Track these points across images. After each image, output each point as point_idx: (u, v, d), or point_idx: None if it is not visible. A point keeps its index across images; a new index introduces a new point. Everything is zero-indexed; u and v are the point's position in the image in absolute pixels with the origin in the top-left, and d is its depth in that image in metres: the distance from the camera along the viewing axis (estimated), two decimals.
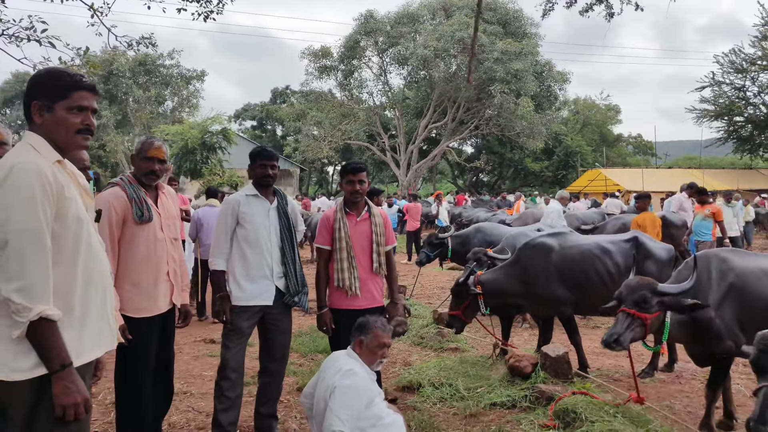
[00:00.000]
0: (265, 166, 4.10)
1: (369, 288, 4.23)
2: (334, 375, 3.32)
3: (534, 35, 33.98)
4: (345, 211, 4.26)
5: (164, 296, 3.62)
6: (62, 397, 2.02)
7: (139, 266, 3.51)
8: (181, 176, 26.74)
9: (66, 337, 2.09)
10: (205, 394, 5.20)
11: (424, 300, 9.91)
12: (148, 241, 3.55)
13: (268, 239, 4.07)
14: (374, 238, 4.24)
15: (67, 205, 2.14)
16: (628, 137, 57.13)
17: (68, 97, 2.22)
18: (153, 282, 3.56)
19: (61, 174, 2.20)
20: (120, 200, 3.50)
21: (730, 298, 4.01)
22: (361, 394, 3.23)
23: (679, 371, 5.83)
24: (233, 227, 4.07)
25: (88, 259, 2.22)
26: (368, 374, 3.42)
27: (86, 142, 2.30)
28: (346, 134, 33.74)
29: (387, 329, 3.60)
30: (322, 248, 4.27)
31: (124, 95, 39.63)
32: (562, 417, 4.28)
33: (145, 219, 3.52)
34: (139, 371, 3.50)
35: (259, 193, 4.13)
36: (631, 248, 5.92)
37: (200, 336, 7.31)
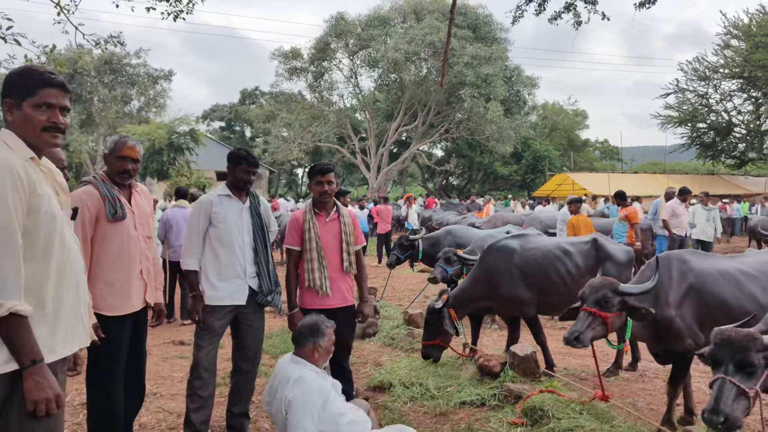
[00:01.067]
0: (248, 172, 4.13)
1: (339, 287, 4.29)
2: (285, 387, 3.28)
3: (503, 40, 34.43)
4: (314, 212, 4.31)
5: (138, 294, 3.62)
6: (33, 392, 2.02)
7: (113, 264, 3.51)
8: (148, 177, 26.41)
9: (38, 332, 2.09)
10: (175, 395, 5.18)
11: (395, 301, 9.97)
12: (121, 239, 3.54)
13: (241, 239, 4.09)
14: (344, 238, 4.30)
15: (38, 202, 2.14)
16: (595, 142, 58.14)
17: (35, 94, 2.23)
18: (126, 280, 3.56)
19: (35, 171, 2.20)
20: (93, 198, 3.49)
21: (690, 297, 4.16)
22: (315, 396, 3.22)
23: (642, 370, 5.99)
24: (205, 227, 4.08)
25: (61, 255, 2.22)
26: (317, 374, 3.38)
27: (56, 140, 2.29)
28: (316, 136, 33.70)
29: (332, 324, 3.56)
30: (292, 249, 4.31)
31: (89, 94, 38.85)
32: (529, 414, 4.38)
33: (118, 217, 3.51)
34: (110, 370, 3.49)
35: (231, 194, 4.15)
36: (591, 249, 6.08)
37: (169, 338, 7.25)
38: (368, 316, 4.52)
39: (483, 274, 5.95)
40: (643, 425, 4.27)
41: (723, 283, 4.23)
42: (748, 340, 2.81)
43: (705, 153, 37.78)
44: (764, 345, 2.81)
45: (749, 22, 33.19)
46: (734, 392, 2.71)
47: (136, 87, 42.00)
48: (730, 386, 2.73)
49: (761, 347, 2.81)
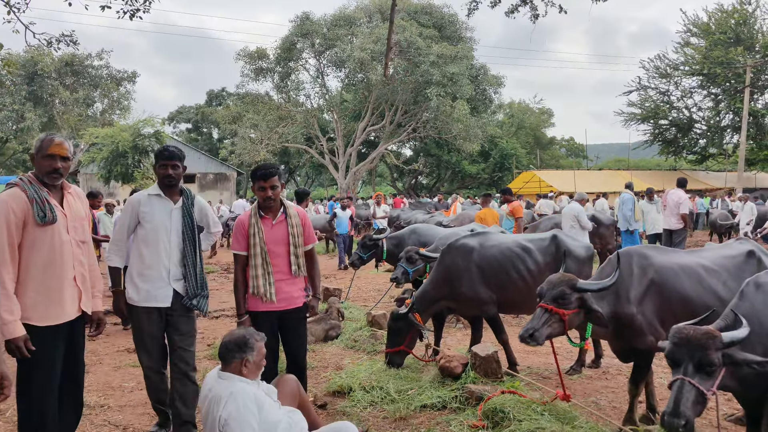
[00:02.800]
0: (166, 166, 3.99)
1: (286, 290, 4.18)
2: (218, 407, 3.13)
3: (469, 39, 34.54)
4: (260, 215, 4.18)
5: (72, 302, 3.39)
6: None
7: (44, 271, 3.28)
8: (112, 180, 25.83)
9: None
10: (124, 406, 4.95)
11: (360, 302, 9.83)
12: (52, 244, 3.31)
13: (167, 240, 3.97)
14: (291, 240, 4.18)
15: None
16: (561, 140, 58.84)
17: None
18: (59, 287, 3.32)
19: None
20: (19, 201, 3.24)
21: (651, 293, 4.09)
22: (251, 407, 3.09)
23: (605, 367, 5.94)
24: (133, 226, 4.00)
25: None
26: (247, 384, 3.24)
27: None
28: (283, 137, 33.36)
29: (262, 337, 3.42)
30: (239, 254, 4.19)
31: (49, 97, 37.91)
32: (491, 417, 4.28)
33: (47, 220, 3.27)
34: (43, 384, 3.26)
35: (162, 193, 4.02)
36: (551, 246, 6.00)
37: (123, 345, 6.98)
38: (315, 312, 4.43)
39: (443, 273, 5.84)
40: (605, 425, 4.20)
41: (684, 278, 4.18)
42: (707, 338, 2.73)
43: (667, 149, 38.49)
44: (723, 343, 2.74)
45: (708, 20, 33.90)
46: (694, 394, 2.63)
47: (99, 89, 41.17)
48: (690, 387, 2.64)
49: (720, 345, 2.73)
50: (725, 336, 2.76)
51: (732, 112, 34.34)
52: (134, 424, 4.54)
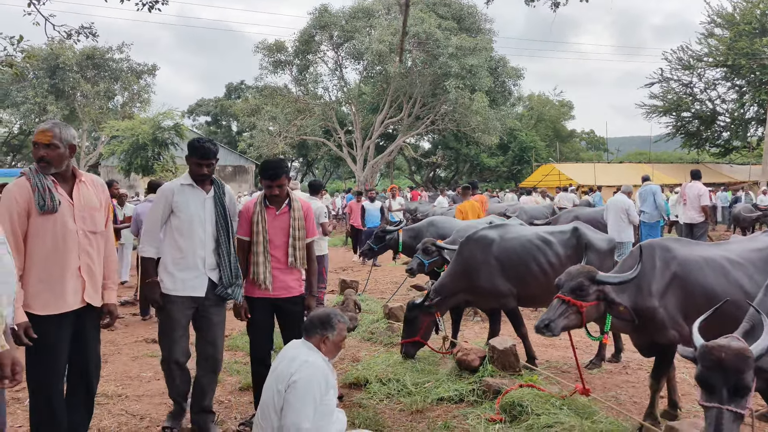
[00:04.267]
0: (201, 165, 3.99)
1: (283, 280, 4.23)
2: (291, 364, 3.19)
3: (488, 31, 34.19)
4: (265, 204, 4.22)
5: (74, 293, 3.36)
6: None
7: (46, 260, 3.27)
8: (132, 173, 26.04)
9: None
10: (141, 396, 4.97)
11: (377, 295, 9.81)
12: (55, 233, 3.30)
13: (202, 230, 3.98)
14: (291, 232, 4.22)
15: None
16: (581, 133, 58.21)
17: None
18: (60, 277, 3.30)
19: None
20: (23, 190, 3.25)
21: (673, 287, 3.99)
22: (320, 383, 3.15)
23: (626, 361, 5.85)
24: (166, 216, 3.99)
25: None
26: (325, 363, 3.31)
27: None
28: (301, 130, 33.35)
29: (347, 321, 3.53)
30: (242, 239, 4.23)
31: (71, 90, 38.27)
32: (508, 410, 4.23)
33: (47, 209, 3.26)
34: (46, 373, 3.26)
35: (194, 183, 4.02)
36: (572, 238, 5.91)
37: (142, 335, 7.03)
38: (312, 309, 4.39)
39: (461, 266, 5.77)
40: (625, 420, 4.13)
41: (708, 271, 4.06)
42: (740, 361, 2.51)
43: (690, 142, 37.89)
44: (754, 359, 2.55)
45: (733, 11, 33.23)
46: (732, 418, 2.47)
47: (119, 82, 41.48)
48: (729, 415, 2.47)
49: (752, 364, 2.53)
50: (754, 350, 2.58)
51: (756, 104, 33.65)
52: (152, 413, 4.55)
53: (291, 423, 3.03)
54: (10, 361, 2.27)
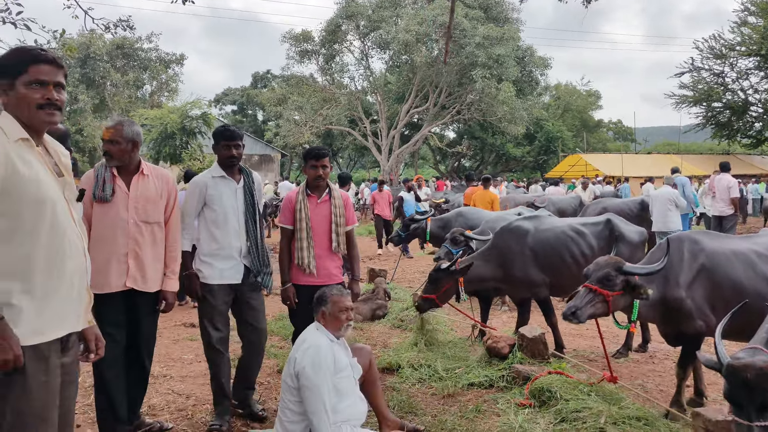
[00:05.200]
0: (229, 146, 4.16)
1: (326, 266, 4.38)
2: (298, 348, 3.49)
3: (515, 20, 33.97)
4: (306, 193, 4.40)
5: (117, 276, 3.63)
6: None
7: (95, 244, 3.54)
8: (161, 161, 26.51)
9: (25, 315, 2.11)
10: (185, 377, 5.23)
11: (405, 284, 9.99)
12: (105, 221, 3.62)
13: (236, 220, 4.16)
14: (333, 219, 4.39)
15: (19, 184, 2.11)
16: (609, 123, 57.59)
17: (26, 72, 2.20)
18: (105, 260, 3.59)
19: (26, 153, 2.18)
20: (89, 179, 3.64)
21: (701, 278, 4.10)
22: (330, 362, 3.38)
23: (652, 351, 5.95)
24: (199, 209, 4.15)
25: (52, 239, 2.19)
26: (331, 342, 3.51)
27: (53, 118, 2.25)
28: (327, 119, 33.58)
29: (344, 293, 3.70)
30: (285, 228, 4.41)
31: (101, 79, 38.95)
32: (537, 396, 4.37)
33: (98, 198, 3.59)
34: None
35: (225, 174, 4.19)
36: (605, 230, 6.02)
37: (180, 320, 7.31)
38: (357, 294, 4.59)
39: (496, 255, 5.91)
40: (651, 406, 4.25)
41: (736, 263, 4.16)
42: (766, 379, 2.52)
43: (720, 132, 37.22)
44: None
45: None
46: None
47: (148, 71, 42.10)
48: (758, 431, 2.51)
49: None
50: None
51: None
52: (196, 393, 4.80)
53: (311, 410, 3.28)
54: (94, 335, 2.48)
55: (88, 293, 2.42)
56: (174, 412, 4.43)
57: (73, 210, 2.35)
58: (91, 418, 4.05)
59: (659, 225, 10.12)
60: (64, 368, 2.27)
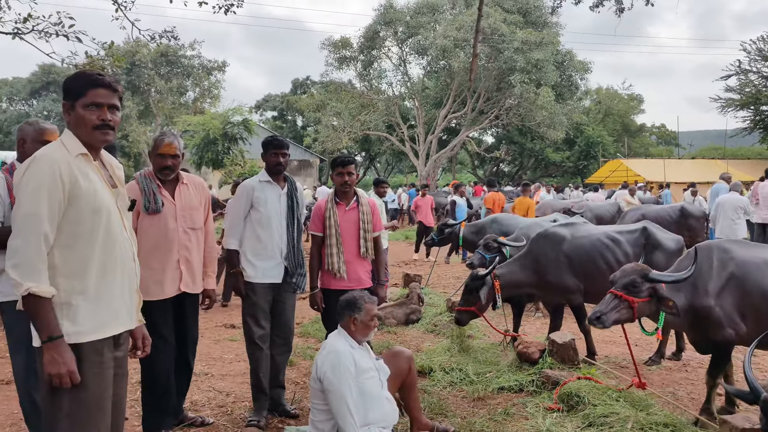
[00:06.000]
0: (276, 154, 4.40)
1: (355, 270, 4.57)
2: (320, 352, 3.64)
3: (554, 24, 33.75)
4: (335, 201, 4.61)
5: (172, 282, 3.87)
6: (48, 365, 2.24)
7: (149, 254, 3.75)
8: (203, 166, 27.15)
9: (81, 312, 2.33)
10: (225, 375, 5.45)
11: (440, 289, 10.09)
12: (158, 231, 3.83)
13: (279, 222, 4.39)
14: (361, 225, 4.59)
15: (79, 195, 2.34)
16: (652, 127, 56.47)
17: (85, 95, 2.42)
18: (161, 269, 3.82)
19: (85, 166, 2.40)
20: (134, 192, 3.78)
21: (731, 287, 4.12)
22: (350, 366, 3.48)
23: (686, 360, 5.93)
24: (247, 210, 4.39)
25: (106, 245, 2.41)
26: (352, 349, 3.61)
27: (106, 137, 2.47)
28: (365, 125, 33.86)
29: (373, 300, 3.80)
30: (315, 234, 4.63)
31: (146, 86, 40.14)
32: (566, 400, 4.44)
33: (151, 210, 3.80)
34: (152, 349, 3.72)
35: (272, 180, 4.43)
36: (641, 238, 6.04)
37: (221, 321, 7.57)
38: (382, 298, 4.74)
39: (531, 261, 5.98)
40: (681, 414, 4.28)
41: (767, 272, 4.17)
42: None
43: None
44: None
45: None
46: None
47: (191, 78, 43.15)
48: None
49: None
50: None
51: None
52: (235, 391, 5.02)
53: (336, 412, 3.42)
54: (141, 334, 2.70)
55: (138, 294, 2.64)
56: (214, 408, 4.65)
57: (125, 219, 2.56)
58: (137, 412, 4.29)
59: (726, 232, 9.85)
60: (116, 362, 2.49)
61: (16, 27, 8.50)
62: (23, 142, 3.51)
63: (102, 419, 2.37)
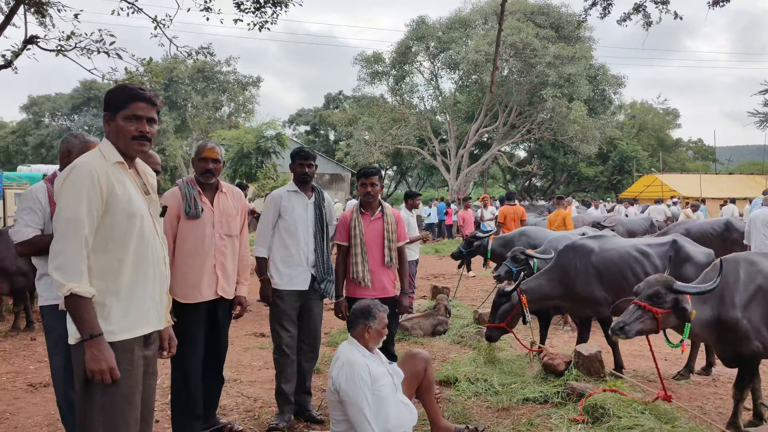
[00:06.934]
0: (303, 165, 4.54)
1: (380, 279, 4.68)
2: (334, 365, 3.68)
3: (587, 39, 33.58)
4: (360, 212, 4.73)
5: (209, 287, 3.99)
6: (90, 362, 2.36)
7: (186, 258, 3.91)
8: (237, 179, 27.60)
9: (113, 313, 2.46)
10: (254, 381, 5.57)
11: (468, 301, 10.10)
12: (195, 236, 3.96)
13: (306, 231, 4.50)
14: (386, 235, 4.70)
15: (116, 201, 2.48)
16: (688, 142, 55.50)
17: (126, 107, 2.56)
18: (198, 273, 3.95)
19: (120, 174, 2.54)
20: (175, 198, 3.97)
21: (758, 299, 4.08)
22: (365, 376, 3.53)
23: (716, 375, 5.85)
24: (275, 219, 4.53)
25: (138, 248, 2.54)
26: (365, 357, 3.67)
27: (143, 148, 2.60)
28: (396, 139, 34.05)
29: (385, 308, 3.86)
30: (340, 244, 4.74)
31: (183, 101, 41.10)
32: (591, 412, 4.42)
33: (191, 215, 3.93)
34: (183, 351, 3.78)
35: (299, 189, 4.56)
36: (670, 251, 6.00)
37: (251, 330, 7.72)
38: (406, 307, 4.83)
39: (559, 273, 5.98)
40: (707, 427, 4.23)
41: None
42: None
43: None
44: None
45: None
46: None
47: (226, 93, 44.03)
48: None
49: None
50: None
51: None
52: (263, 397, 5.12)
53: (354, 421, 3.49)
54: (168, 335, 2.82)
55: (168, 297, 2.76)
56: (242, 413, 4.77)
57: (157, 224, 2.69)
58: (168, 415, 4.41)
59: (759, 247, 9.68)
60: (146, 360, 2.61)
61: (60, 44, 8.85)
62: (68, 153, 3.63)
63: (132, 413, 2.49)
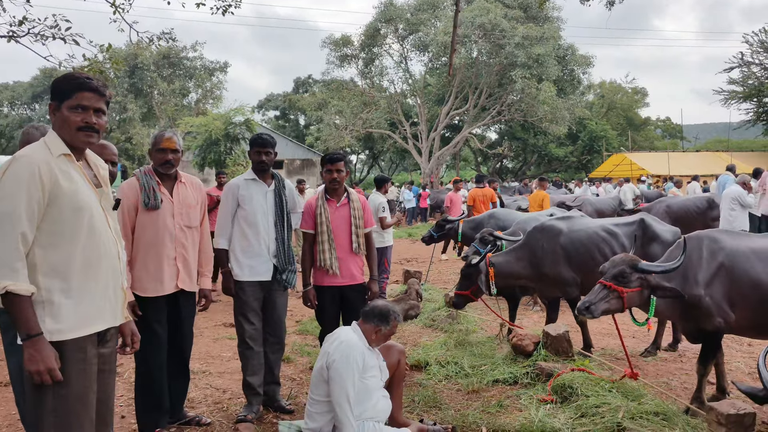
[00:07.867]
0: (260, 152, 4.42)
1: (348, 267, 4.59)
2: (331, 343, 3.64)
3: (556, 19, 33.65)
4: (326, 198, 4.62)
5: (170, 279, 3.90)
6: (27, 363, 2.28)
7: (147, 250, 3.82)
8: (206, 167, 27.23)
9: (63, 311, 2.36)
10: (223, 373, 5.50)
11: (440, 285, 10.12)
12: (156, 227, 3.85)
13: (265, 220, 4.39)
14: (353, 222, 4.61)
15: (61, 194, 2.37)
16: (656, 120, 56.30)
17: (71, 97, 2.45)
18: (158, 265, 3.86)
19: (66, 166, 2.43)
20: (132, 189, 3.86)
21: (720, 276, 4.13)
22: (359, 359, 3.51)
23: (682, 351, 5.95)
24: (234, 209, 4.41)
25: (88, 243, 2.45)
26: (364, 345, 3.65)
27: (90, 139, 2.50)
28: (367, 123, 33.91)
29: (400, 319, 3.86)
30: (306, 232, 4.63)
31: (149, 88, 40.28)
32: (559, 392, 4.47)
33: (150, 206, 3.83)
34: (145, 346, 3.75)
35: (257, 177, 4.44)
36: (638, 230, 6.05)
37: (220, 320, 7.62)
38: (376, 293, 4.76)
39: (527, 253, 6.01)
40: (672, 403, 4.30)
41: (756, 261, 4.18)
42: None
43: None
44: None
45: None
46: None
47: (193, 80, 43.28)
48: None
49: None
50: None
51: None
52: (232, 388, 5.06)
53: (335, 401, 3.47)
54: (130, 331, 2.75)
55: (124, 292, 2.66)
56: (211, 405, 4.70)
57: (110, 217, 2.60)
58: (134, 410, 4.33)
59: (725, 224, 9.95)
60: (102, 358, 2.52)
61: (11, 30, 8.53)
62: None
63: (86, 414, 2.41)
